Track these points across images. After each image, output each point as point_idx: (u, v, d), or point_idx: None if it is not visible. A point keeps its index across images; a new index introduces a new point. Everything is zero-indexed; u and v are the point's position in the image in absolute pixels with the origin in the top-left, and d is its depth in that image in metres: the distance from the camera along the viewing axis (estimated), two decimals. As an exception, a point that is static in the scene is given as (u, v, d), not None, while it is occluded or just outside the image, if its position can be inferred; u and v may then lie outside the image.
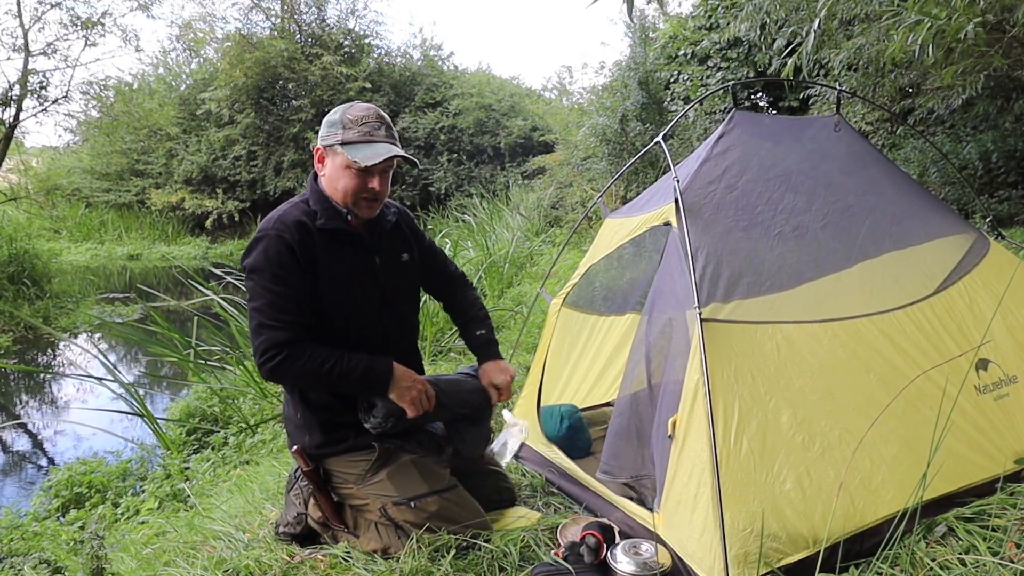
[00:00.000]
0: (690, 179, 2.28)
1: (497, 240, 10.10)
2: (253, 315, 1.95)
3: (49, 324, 9.81)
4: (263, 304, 1.94)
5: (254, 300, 1.95)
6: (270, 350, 1.91)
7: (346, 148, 1.98)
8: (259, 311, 1.94)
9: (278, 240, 1.94)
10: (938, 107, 6.24)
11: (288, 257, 1.94)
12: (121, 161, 20.05)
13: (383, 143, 2.02)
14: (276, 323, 1.92)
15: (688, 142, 9.27)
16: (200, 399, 5.39)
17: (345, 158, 1.99)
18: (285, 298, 1.94)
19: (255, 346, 1.95)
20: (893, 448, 1.92)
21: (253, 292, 1.96)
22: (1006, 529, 1.83)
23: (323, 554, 2.10)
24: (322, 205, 2.05)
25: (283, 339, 1.92)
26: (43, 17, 12.92)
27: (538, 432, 2.73)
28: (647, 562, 1.83)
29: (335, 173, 2.03)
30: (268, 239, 1.95)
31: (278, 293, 1.94)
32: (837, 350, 2.03)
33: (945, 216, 2.57)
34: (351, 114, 2.02)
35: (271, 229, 1.96)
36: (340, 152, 2.00)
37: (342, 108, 2.05)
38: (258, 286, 1.94)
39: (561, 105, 17.49)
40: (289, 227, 1.96)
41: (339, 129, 2.01)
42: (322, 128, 2.06)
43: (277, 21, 18.74)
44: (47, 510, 4.21)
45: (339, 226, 2.04)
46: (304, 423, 2.11)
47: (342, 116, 2.02)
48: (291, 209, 2.03)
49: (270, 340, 1.92)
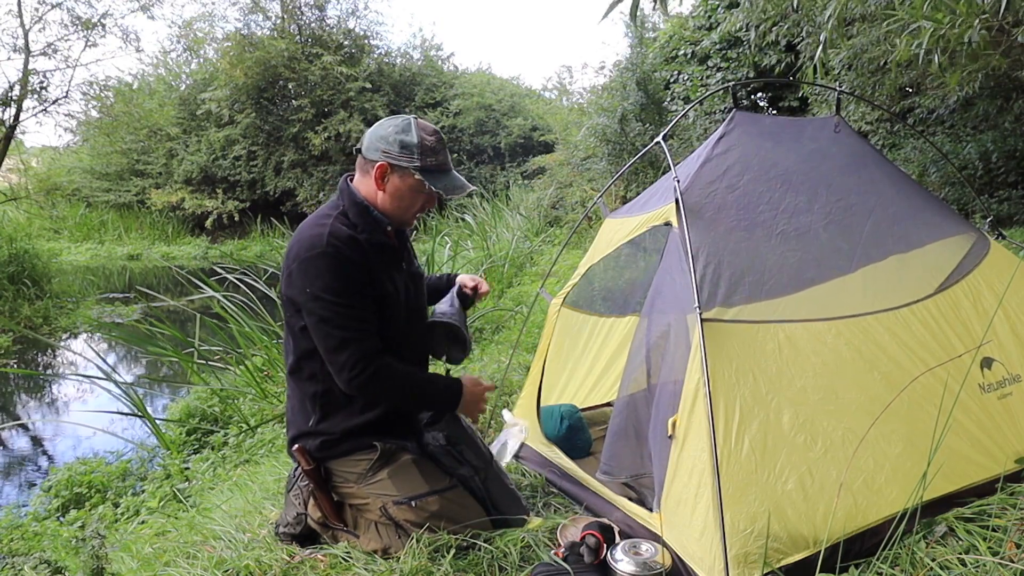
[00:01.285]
0: (691, 179, 2.28)
1: (497, 240, 10.10)
2: (333, 332, 1.93)
3: (49, 324, 9.82)
4: (344, 320, 1.93)
5: (330, 319, 1.93)
6: (360, 362, 1.93)
7: (424, 175, 2.00)
8: (341, 327, 1.93)
9: (339, 256, 1.94)
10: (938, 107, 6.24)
11: (353, 272, 1.96)
12: (121, 161, 20.07)
13: (455, 172, 2.10)
14: (361, 335, 1.95)
15: (688, 142, 9.27)
16: (200, 399, 5.39)
17: (420, 183, 2.01)
18: (362, 310, 1.96)
19: (341, 361, 1.94)
20: (897, 447, 1.91)
21: (326, 311, 1.93)
22: (1006, 529, 1.83)
23: (323, 554, 2.10)
24: (363, 218, 2.05)
25: (371, 349, 1.95)
26: (43, 17, 12.94)
27: (538, 432, 2.73)
28: (647, 562, 1.83)
29: (401, 192, 2.04)
30: (328, 257, 1.93)
31: (354, 306, 1.95)
32: (840, 348, 2.03)
33: (946, 216, 2.57)
34: (426, 140, 2.02)
35: (327, 246, 1.94)
36: (415, 176, 2.00)
37: (414, 129, 2.02)
38: (333, 304, 1.93)
39: (561, 105, 17.51)
40: (345, 242, 1.96)
41: (415, 154, 2.00)
42: (383, 143, 2.01)
43: (277, 21, 18.75)
44: (47, 510, 4.21)
45: (382, 240, 2.08)
46: (314, 431, 2.10)
47: (418, 140, 2.00)
48: (335, 224, 2.00)
49: (359, 351, 1.93)
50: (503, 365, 4.06)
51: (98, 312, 10.37)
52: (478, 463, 2.21)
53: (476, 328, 5.97)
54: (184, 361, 5.61)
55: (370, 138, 2.05)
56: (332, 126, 17.70)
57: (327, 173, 18.31)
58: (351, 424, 2.09)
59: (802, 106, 9.31)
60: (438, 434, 2.17)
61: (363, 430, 2.10)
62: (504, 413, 3.00)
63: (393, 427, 2.15)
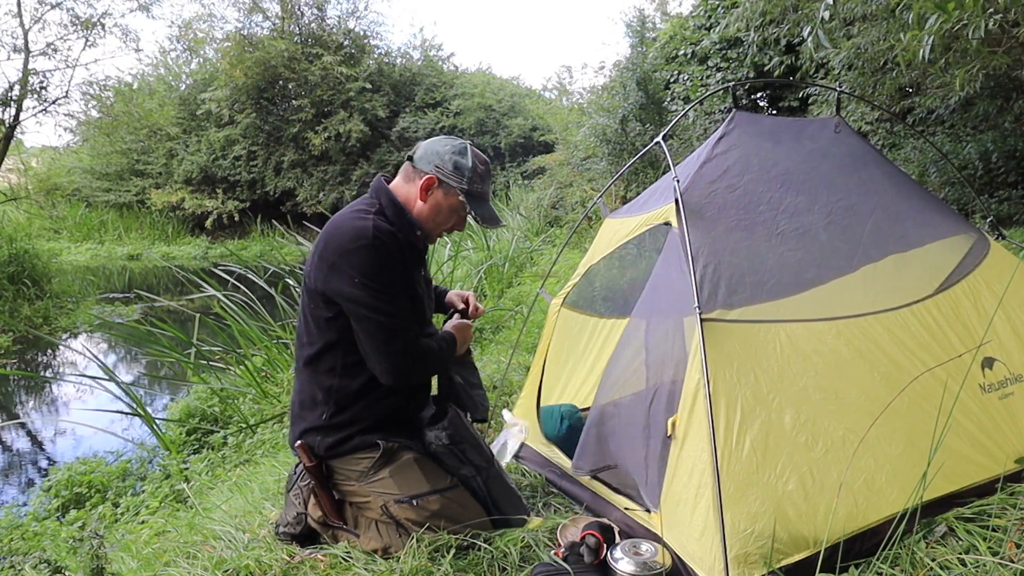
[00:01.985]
0: (691, 179, 2.28)
1: (497, 240, 10.10)
2: (384, 321, 1.98)
3: (49, 324, 9.82)
4: (394, 308, 2.00)
5: (380, 308, 1.98)
6: (410, 351, 2.02)
7: (468, 199, 2.10)
8: (392, 315, 1.99)
9: (384, 249, 1.99)
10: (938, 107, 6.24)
11: (396, 265, 2.01)
12: (121, 161, 20.08)
13: (491, 204, 2.22)
14: (408, 324, 2.03)
15: (688, 142, 9.27)
16: (200, 399, 5.39)
17: (461, 204, 2.12)
18: (404, 300, 2.05)
19: (392, 350, 2.00)
20: (898, 447, 1.91)
21: (377, 300, 1.97)
22: (1006, 529, 1.83)
23: (323, 554, 2.10)
24: (400, 219, 2.11)
25: (415, 337, 2.05)
26: (43, 17, 12.94)
27: (538, 432, 2.73)
28: (647, 562, 1.83)
29: (441, 208, 2.13)
30: (375, 248, 1.98)
31: (400, 299, 2.03)
32: (841, 349, 2.03)
33: (946, 216, 2.57)
34: (480, 167, 2.14)
35: (373, 239, 1.98)
36: (459, 197, 2.10)
37: (470, 154, 2.13)
38: (379, 293, 1.97)
39: (561, 105, 17.53)
40: (390, 238, 2.02)
41: (467, 177, 2.10)
42: (437, 158, 2.10)
43: (277, 21, 18.75)
44: (47, 510, 4.21)
45: (413, 241, 2.14)
46: (327, 425, 2.11)
47: (471, 166, 2.11)
48: (376, 220, 2.05)
49: (406, 340, 2.01)
50: (503, 365, 4.06)
51: (98, 311, 10.36)
52: (480, 462, 2.22)
53: (476, 328, 5.97)
54: (184, 361, 5.61)
55: (425, 150, 2.13)
56: (332, 126, 17.71)
57: (327, 173, 18.32)
58: (361, 420, 2.10)
59: (802, 106, 9.31)
60: (441, 433, 2.17)
61: (371, 428, 2.11)
62: (504, 413, 3.00)
63: (397, 426, 2.16)
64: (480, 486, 2.19)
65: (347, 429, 2.10)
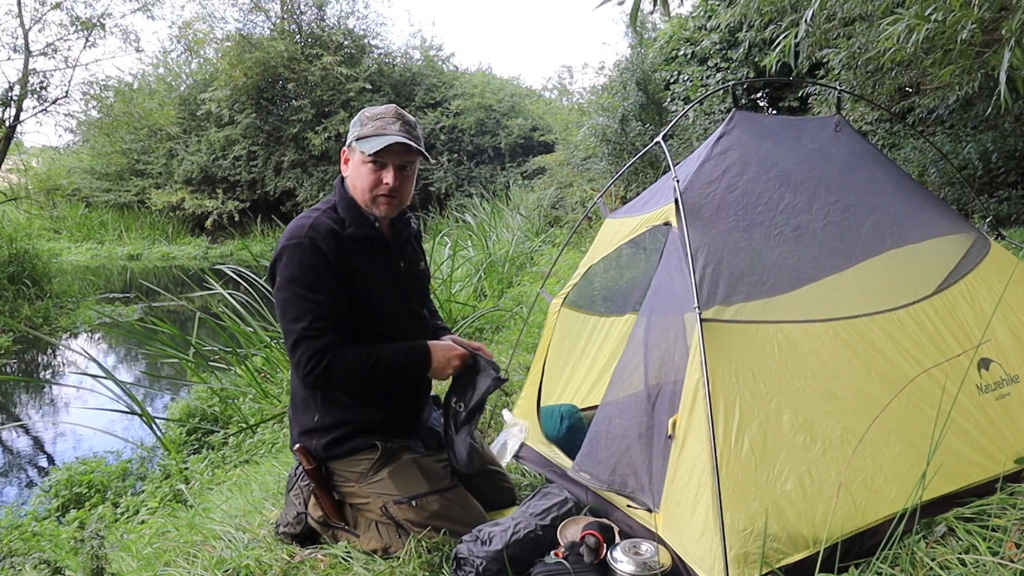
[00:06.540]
0: (690, 179, 2.28)
1: (497, 240, 10.09)
2: (290, 327, 1.95)
3: (49, 324, 9.81)
4: (300, 313, 1.94)
5: (290, 311, 1.95)
6: (313, 358, 1.93)
7: (359, 143, 2.03)
8: (296, 320, 1.94)
9: (312, 248, 1.95)
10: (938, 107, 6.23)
11: (323, 264, 1.96)
12: (121, 161, 20.06)
13: (395, 136, 2.02)
14: (315, 331, 1.94)
15: (688, 142, 9.27)
16: (200, 399, 5.39)
17: (360, 153, 2.04)
18: (322, 305, 1.96)
19: (296, 357, 1.95)
20: (895, 448, 1.92)
21: (288, 303, 1.96)
22: (1006, 529, 1.83)
23: (323, 554, 2.10)
24: (350, 212, 2.07)
25: (323, 346, 1.94)
26: (43, 17, 12.93)
27: (538, 432, 2.73)
28: (647, 562, 1.83)
29: (354, 171, 2.08)
30: (302, 247, 1.95)
31: (315, 301, 1.95)
32: (839, 350, 2.03)
33: (945, 216, 2.57)
34: (369, 112, 2.08)
35: (303, 237, 1.96)
36: (356, 148, 2.05)
37: (365, 109, 2.12)
38: (293, 295, 1.95)
39: (561, 105, 17.49)
40: (323, 235, 1.98)
41: (357, 127, 2.07)
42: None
43: (277, 21, 18.75)
44: (47, 510, 4.20)
45: (368, 233, 2.08)
46: (320, 427, 2.11)
47: (360, 115, 2.08)
48: (321, 217, 2.03)
49: (311, 349, 1.93)
50: (503, 365, 4.06)
51: (98, 312, 10.36)
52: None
53: (476, 328, 5.97)
54: (184, 359, 5.61)
55: None
56: (332, 126, 17.69)
57: (327, 173, 18.30)
58: (354, 421, 2.10)
59: (802, 106, 9.31)
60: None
61: (367, 428, 2.10)
62: (504, 413, 3.00)
63: (396, 425, 2.15)
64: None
65: (341, 430, 2.10)
